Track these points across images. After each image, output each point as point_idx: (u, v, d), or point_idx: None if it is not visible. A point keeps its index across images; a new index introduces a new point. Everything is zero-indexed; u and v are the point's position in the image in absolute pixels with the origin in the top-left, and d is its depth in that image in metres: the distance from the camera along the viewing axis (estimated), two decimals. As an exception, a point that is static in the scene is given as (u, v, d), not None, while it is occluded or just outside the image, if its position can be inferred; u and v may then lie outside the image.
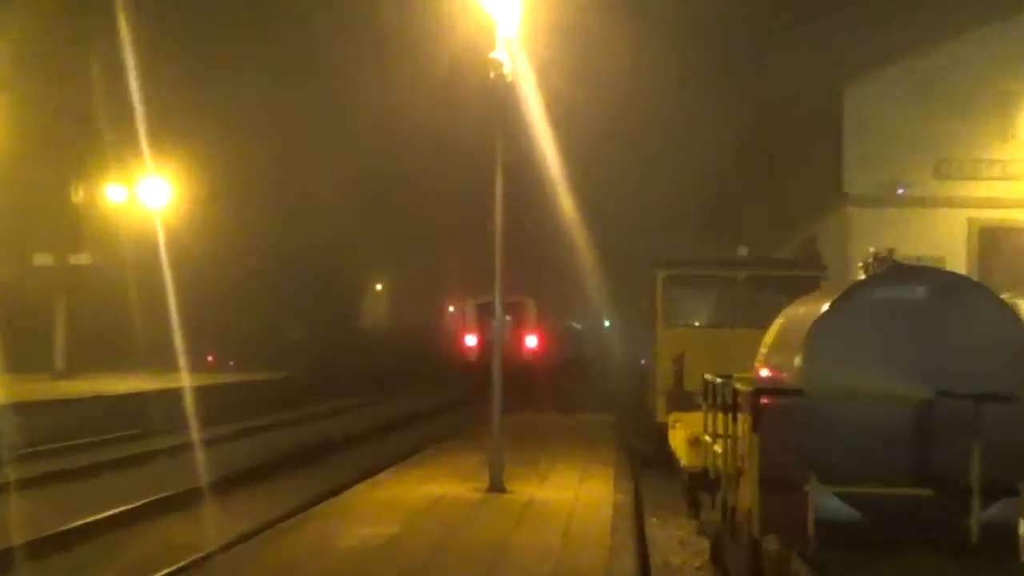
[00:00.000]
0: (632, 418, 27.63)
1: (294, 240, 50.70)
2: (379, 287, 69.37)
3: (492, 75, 14.84)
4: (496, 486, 15.03)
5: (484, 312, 15.29)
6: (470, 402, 32.85)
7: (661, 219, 55.16)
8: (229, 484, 17.51)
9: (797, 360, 8.61)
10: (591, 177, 44.54)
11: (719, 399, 10.56)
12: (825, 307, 8.69)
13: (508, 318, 40.66)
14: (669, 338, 20.38)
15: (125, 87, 31.99)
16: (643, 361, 27.44)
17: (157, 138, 34.22)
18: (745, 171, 39.98)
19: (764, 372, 9.91)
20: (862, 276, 9.11)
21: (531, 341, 40.75)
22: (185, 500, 15.84)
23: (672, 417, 16.16)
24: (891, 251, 9.08)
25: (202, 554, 11.90)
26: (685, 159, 51.27)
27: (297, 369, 42.87)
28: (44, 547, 12.64)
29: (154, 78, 33.45)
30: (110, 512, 14.32)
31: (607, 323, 77.68)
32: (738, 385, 9.50)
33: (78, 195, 35.57)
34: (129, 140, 33.79)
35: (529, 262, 48.90)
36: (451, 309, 54.06)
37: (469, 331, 39.77)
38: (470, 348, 39.30)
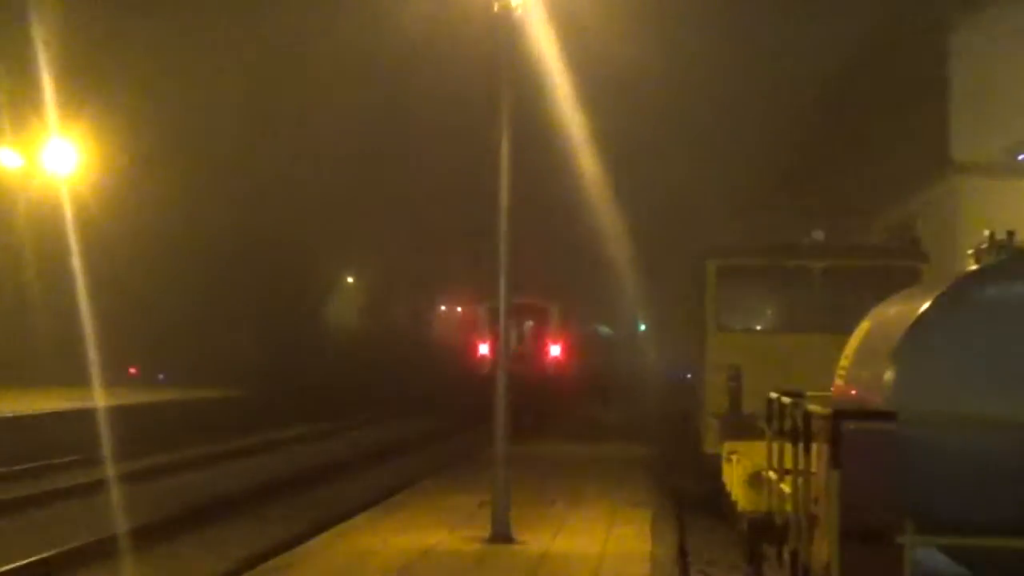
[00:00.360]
0: (675, 447, 27.62)
1: (242, 220, 50.72)
2: (351, 280, 69.43)
3: (496, 7, 14.81)
4: (500, 534, 15.03)
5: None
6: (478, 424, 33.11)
7: (713, 197, 55.02)
8: (156, 532, 17.50)
9: (889, 375, 8.57)
10: (625, 145, 44.44)
11: (787, 424, 10.52)
12: (925, 306, 8.65)
13: (529, 323, 41.81)
14: (723, 346, 20.37)
15: (22, 29, 32.06)
16: (689, 375, 27.42)
17: (65, 92, 34.25)
18: (821, 136, 39.89)
19: (846, 390, 9.87)
20: (973, 266, 9.05)
21: (555, 350, 41.80)
22: (96, 554, 15.80)
23: (726, 447, 16.11)
24: (1011, 234, 9.02)
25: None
26: (745, 123, 51.07)
27: (246, 385, 42.90)
28: None
29: (63, 19, 33.52)
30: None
31: (642, 326, 78.08)
32: (812, 406, 9.45)
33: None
34: (29, 94, 33.83)
35: (548, 254, 49.19)
36: (443, 308, 54.27)
37: (482, 339, 40.50)
38: (483, 359, 39.83)
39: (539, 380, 38.15)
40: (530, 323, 42.19)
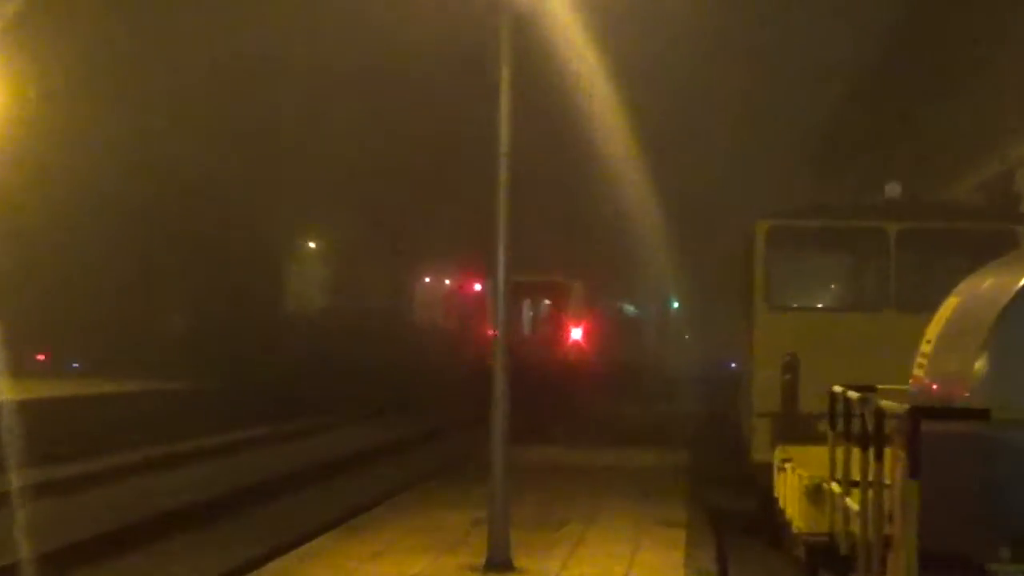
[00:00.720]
0: (715, 453, 27.70)
1: (176, 172, 50.60)
2: (312, 245, 69.38)
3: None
4: (498, 561, 15.06)
5: (514, 296, 15.48)
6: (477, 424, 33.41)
7: (762, 147, 55.04)
8: (69, 557, 17.53)
9: (980, 364, 8.61)
10: (655, 85, 44.44)
11: (855, 425, 10.57)
12: (1025, 280, 8.70)
13: (546, 302, 42.34)
14: (775, 328, 20.36)
15: None
16: (733, 365, 27.51)
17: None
18: (894, 74, 39.86)
19: (928, 383, 9.91)
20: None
21: (576, 334, 42.41)
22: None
23: (779, 454, 16.20)
24: None
25: None
26: (801, 56, 51.00)
27: (182, 376, 42.94)
28: None
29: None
30: None
31: (675, 304, 78.27)
32: (885, 403, 9.50)
33: None
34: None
35: (565, 221, 49.39)
36: (439, 284, 54.59)
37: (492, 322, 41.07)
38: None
39: (557, 370, 38.62)
40: (547, 303, 42.80)
